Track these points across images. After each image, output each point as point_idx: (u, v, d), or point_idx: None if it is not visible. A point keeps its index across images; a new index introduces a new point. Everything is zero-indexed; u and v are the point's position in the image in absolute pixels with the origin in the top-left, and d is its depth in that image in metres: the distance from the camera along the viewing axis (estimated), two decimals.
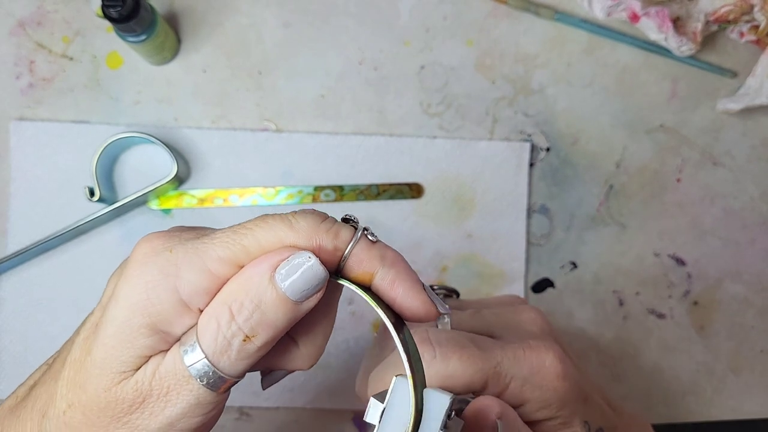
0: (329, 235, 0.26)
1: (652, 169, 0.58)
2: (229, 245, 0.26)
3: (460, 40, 0.56)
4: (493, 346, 0.33)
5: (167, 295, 0.26)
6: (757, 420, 0.59)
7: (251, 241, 0.26)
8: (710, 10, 0.55)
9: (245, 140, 0.55)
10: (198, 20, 0.55)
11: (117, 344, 0.26)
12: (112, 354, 0.26)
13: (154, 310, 0.26)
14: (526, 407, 0.34)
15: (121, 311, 0.26)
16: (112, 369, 0.26)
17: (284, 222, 0.26)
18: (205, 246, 0.26)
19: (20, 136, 0.54)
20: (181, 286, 0.26)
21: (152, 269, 0.26)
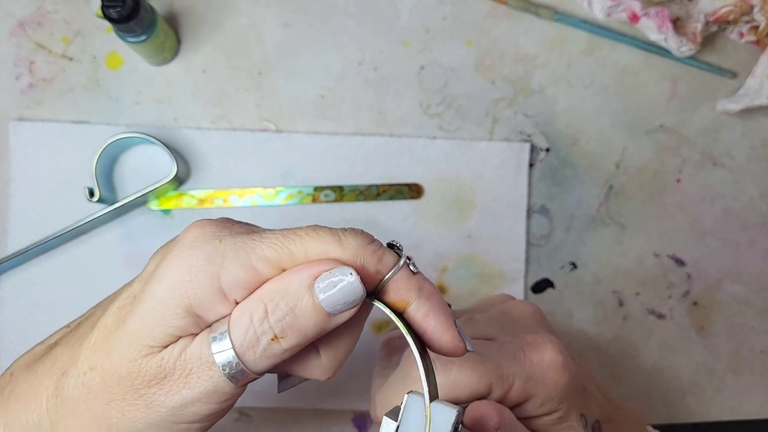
0: (374, 258, 0.27)
1: (651, 169, 0.58)
2: (277, 247, 0.27)
3: (459, 41, 0.56)
4: (491, 349, 0.33)
5: (208, 282, 0.26)
6: (757, 420, 0.59)
7: (299, 248, 0.27)
8: (710, 11, 0.55)
9: (245, 140, 0.55)
10: (198, 20, 0.55)
11: (152, 319, 0.27)
12: (145, 327, 0.27)
13: (193, 293, 0.26)
14: (529, 403, 0.34)
15: (162, 288, 0.27)
16: (142, 342, 0.27)
17: (334, 236, 0.27)
18: (254, 243, 0.27)
19: (20, 136, 0.54)
20: (223, 275, 0.26)
21: (199, 254, 0.27)
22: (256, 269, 0.26)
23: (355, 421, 0.56)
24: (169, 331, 0.27)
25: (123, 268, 0.54)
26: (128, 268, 0.54)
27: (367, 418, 0.56)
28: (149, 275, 0.28)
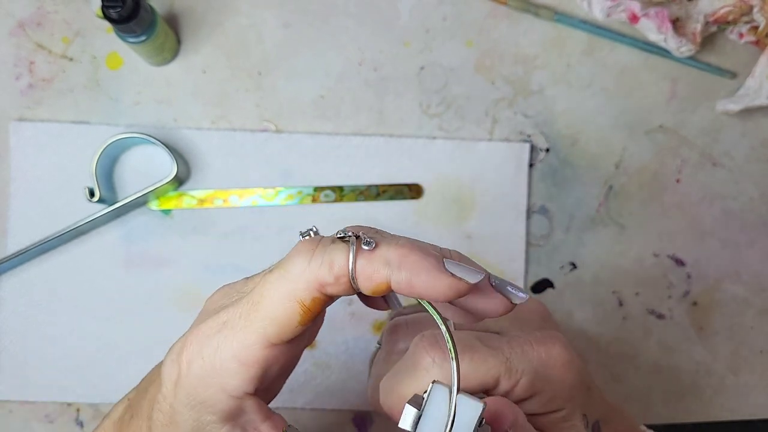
0: (323, 269, 0.26)
1: (651, 169, 0.58)
2: (248, 330, 0.26)
3: (459, 41, 0.56)
4: (501, 343, 0.33)
5: (218, 395, 0.27)
6: (756, 420, 0.59)
7: (264, 315, 0.26)
8: (710, 11, 0.55)
9: (245, 141, 0.55)
10: (198, 21, 0.55)
11: (195, 424, 0.28)
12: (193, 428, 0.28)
13: (213, 405, 0.27)
14: (534, 400, 0.33)
15: (188, 414, 0.28)
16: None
17: (279, 278, 0.26)
18: (228, 340, 0.27)
19: (20, 136, 0.54)
20: (227, 387, 0.27)
21: (198, 382, 0.27)
22: (247, 363, 0.27)
23: (355, 421, 0.56)
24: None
25: (123, 268, 0.54)
26: (128, 268, 0.54)
27: (367, 418, 0.56)
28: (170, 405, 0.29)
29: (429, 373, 0.31)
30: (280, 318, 0.26)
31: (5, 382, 0.54)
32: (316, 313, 0.27)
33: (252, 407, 0.28)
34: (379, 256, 0.26)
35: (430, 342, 0.32)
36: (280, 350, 0.27)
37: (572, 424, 0.35)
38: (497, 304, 0.28)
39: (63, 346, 0.54)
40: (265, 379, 0.28)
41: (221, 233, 0.55)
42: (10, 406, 0.54)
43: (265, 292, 0.26)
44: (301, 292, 0.26)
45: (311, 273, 0.26)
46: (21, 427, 0.54)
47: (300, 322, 0.26)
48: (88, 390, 0.54)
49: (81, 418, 0.54)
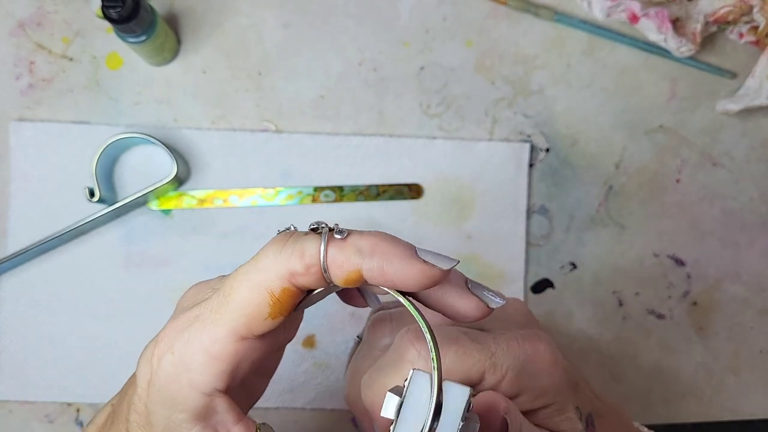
0: (295, 258, 0.25)
1: (651, 169, 0.58)
2: (218, 322, 0.26)
3: (459, 41, 0.56)
4: (486, 338, 0.33)
5: (189, 392, 0.27)
6: (756, 420, 0.59)
7: (234, 306, 0.26)
8: (710, 11, 0.55)
9: (245, 141, 0.55)
10: (198, 21, 0.55)
11: (168, 424, 0.27)
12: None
13: (183, 404, 0.27)
14: (522, 397, 0.33)
15: (159, 412, 0.27)
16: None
17: (250, 269, 0.26)
18: (198, 332, 0.26)
19: (20, 136, 0.54)
20: (196, 382, 0.26)
21: (168, 378, 0.27)
22: (215, 357, 0.26)
23: (355, 421, 0.56)
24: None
25: (123, 268, 0.54)
26: (128, 268, 0.54)
27: None
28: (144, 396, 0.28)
29: (414, 365, 0.30)
30: (249, 310, 0.26)
31: (5, 382, 0.54)
32: (287, 306, 0.27)
33: (223, 407, 0.28)
34: (350, 244, 0.26)
35: (416, 335, 0.31)
36: (252, 345, 0.27)
37: (568, 417, 0.35)
38: (474, 307, 0.28)
39: (63, 346, 0.54)
40: (237, 375, 0.27)
41: (221, 233, 0.55)
42: (10, 406, 0.54)
43: (235, 284, 0.26)
44: (270, 282, 0.26)
45: (281, 263, 0.26)
46: (21, 427, 0.54)
47: (270, 314, 0.26)
48: (88, 390, 0.54)
49: (81, 418, 0.54)
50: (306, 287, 0.26)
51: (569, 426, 0.35)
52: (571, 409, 0.35)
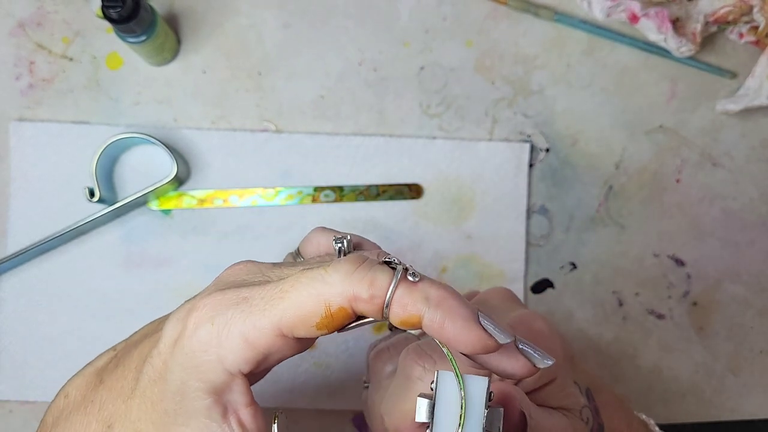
0: (363, 284, 0.26)
1: (651, 169, 0.58)
2: (266, 313, 0.26)
3: (459, 41, 0.56)
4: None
5: (215, 366, 0.27)
6: (756, 420, 0.59)
7: (288, 305, 0.26)
8: (710, 11, 0.55)
9: (245, 141, 0.55)
10: (198, 21, 0.55)
11: (181, 399, 0.27)
12: (177, 411, 0.27)
13: (205, 377, 0.27)
14: (528, 378, 0.34)
15: (177, 375, 0.27)
16: (173, 418, 0.27)
17: (317, 278, 0.26)
18: (244, 315, 0.27)
19: (20, 136, 0.54)
20: (225, 358, 0.27)
21: (199, 344, 0.27)
22: (252, 343, 0.27)
23: (355, 421, 0.56)
24: (199, 412, 0.27)
25: (123, 268, 0.54)
26: (128, 268, 0.54)
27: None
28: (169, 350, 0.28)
29: (423, 381, 0.31)
30: (301, 313, 0.26)
31: (5, 382, 0.54)
32: (337, 324, 0.27)
33: (239, 389, 0.28)
34: (420, 289, 0.26)
35: (417, 352, 0.32)
36: (287, 343, 0.27)
37: (569, 392, 0.35)
38: (521, 366, 0.28)
39: (63, 346, 0.54)
40: (262, 365, 0.28)
41: (221, 233, 0.55)
42: (10, 406, 0.54)
43: (297, 285, 0.27)
44: (332, 297, 0.26)
45: (349, 284, 0.26)
46: (21, 427, 0.54)
47: (318, 325, 0.27)
48: None
49: None
50: (361, 314, 0.27)
51: (572, 401, 0.35)
52: (570, 384, 0.35)
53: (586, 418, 0.35)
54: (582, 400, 0.36)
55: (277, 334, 0.27)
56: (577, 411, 0.35)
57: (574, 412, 0.35)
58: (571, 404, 0.35)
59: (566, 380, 0.35)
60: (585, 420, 0.35)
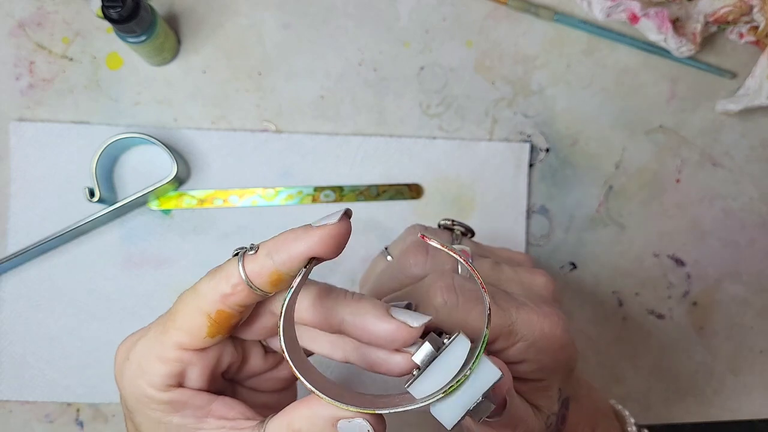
0: (222, 282, 0.29)
1: (651, 169, 0.58)
2: (165, 333, 0.30)
3: (459, 42, 0.56)
4: (510, 305, 0.34)
5: (147, 389, 0.30)
6: (756, 420, 0.59)
7: (177, 325, 0.30)
8: (709, 11, 0.55)
9: (245, 141, 0.55)
10: (198, 21, 0.55)
11: (148, 397, 0.30)
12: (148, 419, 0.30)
13: (150, 404, 0.30)
14: (522, 366, 0.34)
15: (138, 416, 0.31)
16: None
17: (191, 292, 0.30)
18: (149, 341, 0.30)
19: (20, 136, 0.54)
20: (151, 380, 0.30)
21: (124, 378, 0.31)
22: (164, 357, 0.30)
23: None
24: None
25: (123, 268, 0.54)
26: (128, 268, 0.54)
27: None
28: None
29: (438, 314, 0.32)
30: (190, 329, 0.30)
31: (5, 382, 0.54)
32: (225, 326, 0.30)
33: (192, 395, 0.30)
34: (260, 253, 0.29)
35: (448, 285, 0.33)
36: (203, 355, 0.31)
37: (548, 395, 0.36)
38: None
39: (63, 346, 0.54)
40: (187, 376, 0.30)
41: (221, 233, 0.55)
42: (10, 406, 0.54)
43: (179, 307, 0.30)
44: (207, 306, 0.29)
45: (212, 288, 0.29)
46: (21, 427, 0.54)
47: (209, 333, 0.30)
48: (88, 390, 0.54)
49: (81, 418, 0.54)
50: (239, 305, 0.29)
51: (546, 403, 0.36)
52: (554, 389, 0.36)
53: (550, 424, 0.36)
54: (555, 407, 0.36)
55: (181, 350, 0.30)
56: (545, 414, 0.36)
57: (543, 415, 0.36)
58: (544, 406, 0.36)
59: (553, 385, 0.36)
60: (548, 425, 0.36)
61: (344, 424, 0.27)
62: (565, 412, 0.37)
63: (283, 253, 0.28)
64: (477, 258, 0.38)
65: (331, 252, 0.28)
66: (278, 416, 0.28)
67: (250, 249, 0.29)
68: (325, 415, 0.27)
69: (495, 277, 0.37)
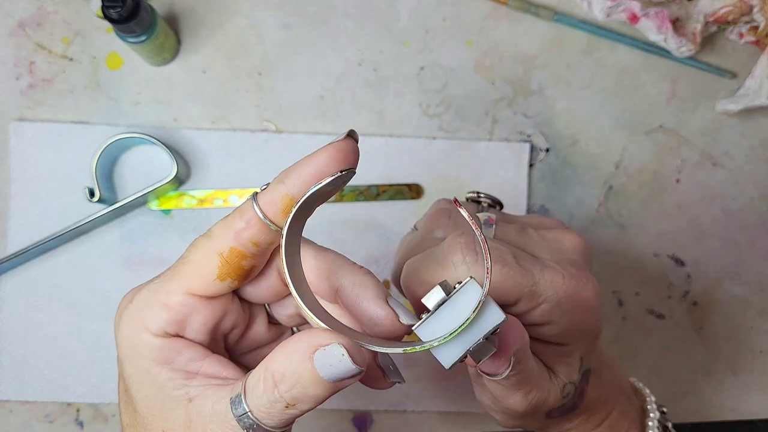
0: (235, 219, 0.29)
1: (651, 169, 0.58)
2: (174, 277, 0.30)
3: (459, 42, 0.56)
4: (533, 266, 0.33)
5: (144, 335, 0.29)
6: (756, 420, 0.59)
7: (188, 268, 0.29)
8: (709, 11, 0.55)
9: (245, 141, 0.55)
10: (198, 21, 0.55)
11: (145, 392, 0.29)
12: (149, 402, 0.29)
13: (144, 350, 0.29)
14: (546, 328, 0.34)
15: (128, 367, 0.30)
16: (158, 413, 0.29)
17: (205, 237, 0.30)
18: (157, 285, 0.30)
19: (20, 136, 0.54)
20: (148, 324, 0.29)
21: (123, 322, 0.30)
22: (166, 304, 0.29)
23: (355, 421, 0.56)
24: (164, 389, 0.29)
25: (123, 268, 0.54)
26: (128, 268, 0.54)
27: (367, 418, 0.56)
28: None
29: (457, 269, 0.32)
30: (200, 271, 0.29)
31: (5, 382, 0.54)
32: (235, 267, 0.29)
33: (186, 347, 0.30)
34: (272, 183, 0.29)
35: (467, 241, 0.33)
36: (209, 305, 0.30)
37: (569, 362, 0.35)
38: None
39: (63, 346, 0.54)
40: (189, 326, 0.30)
41: None
42: (10, 406, 0.54)
43: (190, 250, 0.30)
44: (220, 244, 0.29)
45: (226, 226, 0.29)
46: (21, 427, 0.54)
47: (219, 275, 0.29)
48: (88, 390, 0.54)
49: (81, 418, 0.54)
50: (253, 241, 0.29)
51: (565, 370, 0.35)
52: (576, 357, 0.35)
53: (567, 393, 0.35)
54: (575, 376, 0.36)
55: (187, 293, 0.29)
56: (562, 382, 0.35)
57: (560, 382, 0.35)
58: (563, 373, 0.35)
59: (575, 352, 0.35)
60: (564, 394, 0.35)
61: (321, 353, 0.26)
62: (585, 385, 0.36)
63: (293, 176, 0.29)
64: (502, 224, 0.37)
65: (340, 165, 0.28)
66: (258, 366, 0.28)
67: (261, 189, 0.29)
68: (300, 349, 0.26)
69: (522, 242, 0.37)
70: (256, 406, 0.27)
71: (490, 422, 0.56)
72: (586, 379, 0.37)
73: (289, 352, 0.27)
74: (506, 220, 0.38)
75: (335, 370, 0.26)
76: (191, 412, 0.28)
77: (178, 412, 0.29)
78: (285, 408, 0.27)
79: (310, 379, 0.26)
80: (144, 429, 0.30)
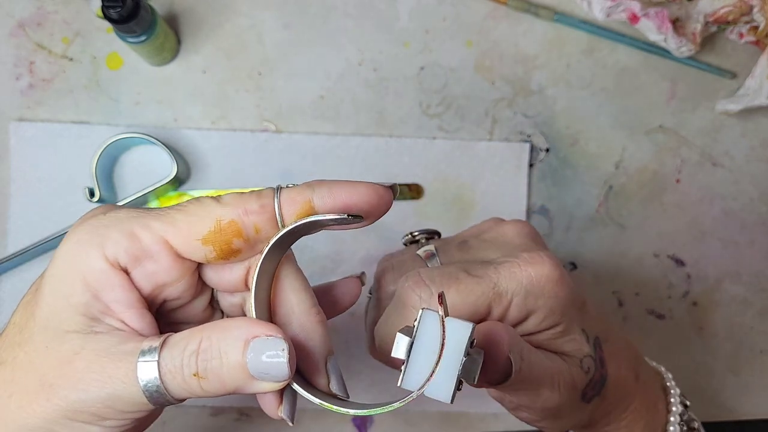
0: (252, 198, 0.28)
1: (651, 169, 0.58)
2: (160, 216, 0.28)
3: (459, 42, 0.56)
4: (487, 270, 0.33)
5: (94, 251, 0.27)
6: (756, 420, 0.59)
7: (182, 216, 0.28)
8: (709, 11, 0.55)
9: (245, 141, 0.55)
10: (198, 21, 0.55)
11: (54, 301, 0.27)
12: (52, 312, 0.27)
13: (83, 264, 0.27)
14: (531, 319, 0.34)
15: (56, 268, 0.28)
16: (55, 327, 0.27)
17: (214, 199, 0.28)
18: (138, 214, 0.28)
19: (20, 136, 0.54)
20: (106, 244, 0.27)
21: (84, 228, 0.28)
22: (136, 235, 0.27)
23: (355, 420, 0.56)
24: (75, 309, 0.27)
25: None
26: None
27: (367, 418, 0.56)
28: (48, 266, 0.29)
29: (417, 310, 0.31)
30: (191, 223, 0.28)
31: None
32: (224, 240, 0.28)
33: (123, 287, 0.28)
34: (301, 187, 0.29)
35: (415, 281, 0.33)
36: (174, 262, 0.28)
37: (572, 338, 0.35)
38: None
39: None
40: (140, 269, 0.28)
41: None
42: None
43: (193, 202, 0.28)
44: (223, 212, 0.28)
45: (240, 200, 0.28)
46: None
47: (205, 239, 0.28)
48: None
49: None
50: (256, 227, 0.28)
51: (572, 347, 0.35)
52: (576, 330, 0.35)
53: (587, 367, 0.35)
54: (586, 348, 0.35)
55: (162, 238, 0.28)
56: (578, 359, 0.35)
57: (575, 360, 0.35)
58: (573, 351, 0.35)
59: (571, 326, 0.35)
60: (585, 369, 0.35)
61: (260, 341, 0.26)
62: (601, 353, 0.36)
63: (324, 188, 0.28)
64: (443, 249, 0.38)
65: (367, 207, 0.28)
66: (190, 329, 0.27)
67: (288, 186, 0.29)
68: (242, 328, 0.26)
69: (467, 255, 0.37)
70: (166, 360, 0.26)
71: (490, 422, 0.56)
72: (599, 346, 0.36)
73: (230, 326, 0.26)
74: (446, 243, 0.39)
75: (264, 365, 0.26)
76: (87, 342, 0.27)
77: (74, 336, 0.27)
78: (192, 375, 0.26)
79: (234, 362, 0.26)
80: (29, 335, 0.28)
